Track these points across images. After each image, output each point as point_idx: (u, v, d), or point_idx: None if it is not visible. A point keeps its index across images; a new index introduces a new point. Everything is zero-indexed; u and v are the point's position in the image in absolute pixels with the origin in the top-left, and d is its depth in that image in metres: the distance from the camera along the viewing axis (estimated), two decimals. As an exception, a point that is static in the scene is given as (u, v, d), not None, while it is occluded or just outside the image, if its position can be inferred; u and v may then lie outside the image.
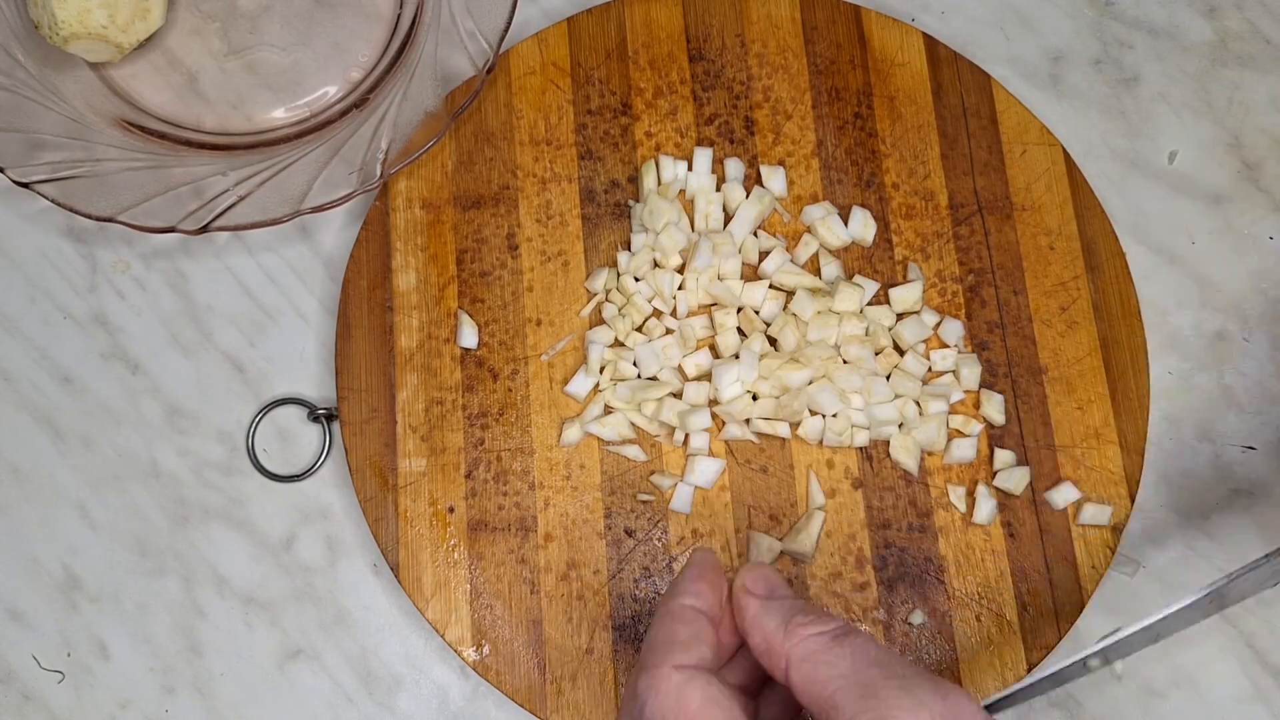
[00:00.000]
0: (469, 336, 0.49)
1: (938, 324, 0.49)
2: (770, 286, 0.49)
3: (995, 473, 0.48)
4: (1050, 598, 0.46)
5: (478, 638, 0.46)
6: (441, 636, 0.46)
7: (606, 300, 0.49)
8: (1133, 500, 0.48)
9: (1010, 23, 0.56)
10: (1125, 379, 0.49)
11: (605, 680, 0.45)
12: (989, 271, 0.50)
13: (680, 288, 0.49)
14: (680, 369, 0.48)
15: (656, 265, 0.49)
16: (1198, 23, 0.56)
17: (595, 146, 0.52)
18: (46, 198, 0.47)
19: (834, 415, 0.47)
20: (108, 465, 0.50)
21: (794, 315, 0.48)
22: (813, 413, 0.47)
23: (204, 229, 0.47)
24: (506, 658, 0.46)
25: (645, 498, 0.47)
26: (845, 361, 0.48)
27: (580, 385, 0.48)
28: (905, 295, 0.49)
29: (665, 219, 0.49)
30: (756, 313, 0.49)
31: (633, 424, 0.48)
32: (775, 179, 0.51)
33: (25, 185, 0.47)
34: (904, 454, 0.47)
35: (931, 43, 0.53)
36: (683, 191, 0.51)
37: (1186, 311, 0.52)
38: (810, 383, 0.47)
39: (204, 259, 0.52)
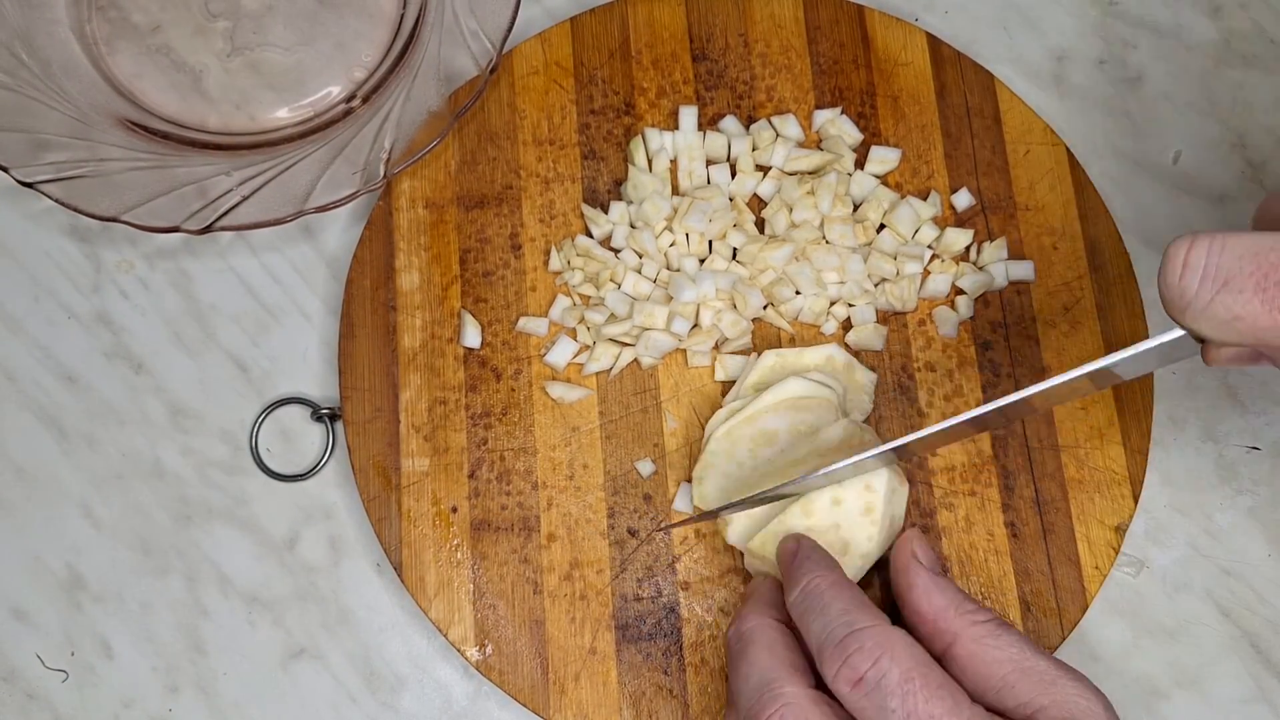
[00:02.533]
0: (472, 336, 0.49)
1: (934, 216, 0.51)
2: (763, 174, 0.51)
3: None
4: (1053, 598, 0.46)
5: (480, 637, 0.46)
6: (444, 636, 0.46)
7: (569, 269, 0.49)
8: (1136, 500, 0.47)
9: (1014, 22, 0.56)
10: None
11: (608, 680, 0.45)
12: (992, 271, 0.50)
13: (672, 244, 0.50)
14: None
15: (633, 227, 0.50)
16: (1202, 22, 0.56)
17: (598, 146, 0.52)
18: (50, 197, 0.47)
19: (814, 295, 0.49)
20: (111, 464, 0.50)
21: (785, 203, 0.50)
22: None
23: (207, 229, 0.47)
24: (509, 657, 0.46)
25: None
26: (827, 241, 0.49)
27: (560, 354, 0.48)
28: (887, 156, 0.51)
29: (649, 189, 0.50)
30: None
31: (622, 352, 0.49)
32: (789, 125, 0.52)
33: (29, 185, 0.47)
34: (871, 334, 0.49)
35: (935, 42, 0.53)
36: (674, 163, 0.51)
37: (1190, 311, 0.52)
38: (793, 262, 0.49)
39: (207, 259, 0.52)
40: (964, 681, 0.36)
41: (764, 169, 0.51)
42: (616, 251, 0.50)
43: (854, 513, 0.43)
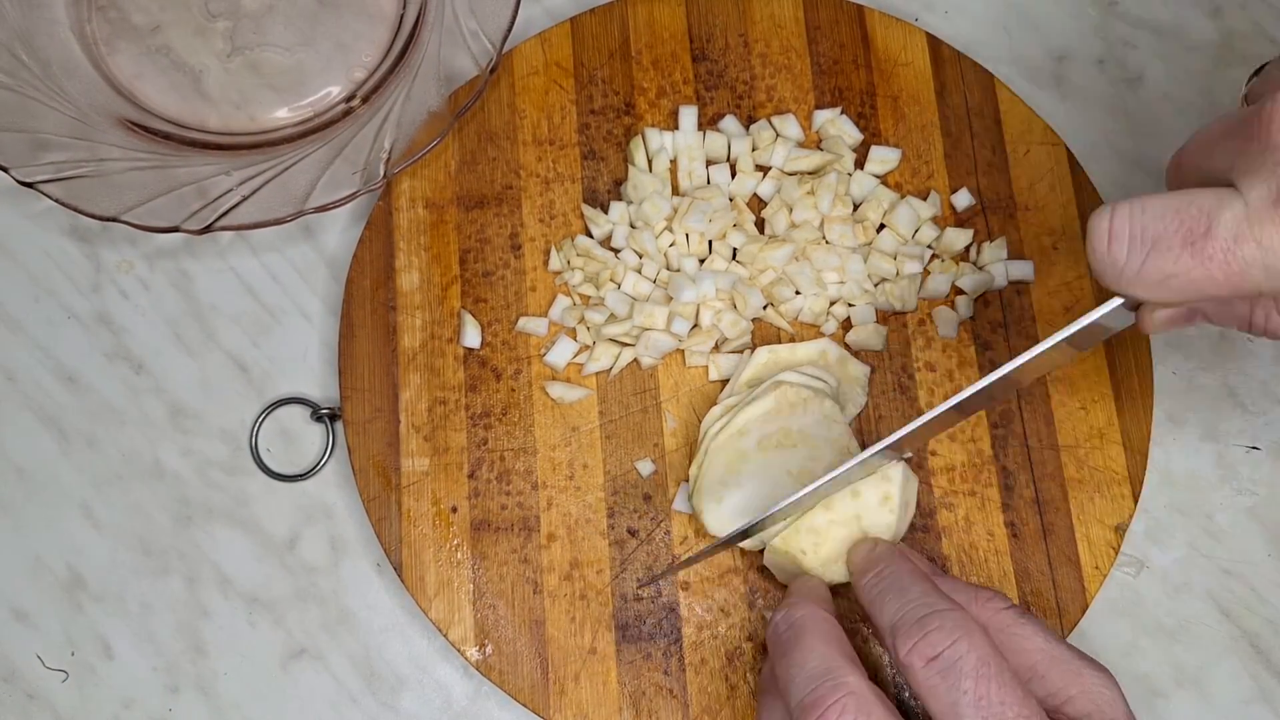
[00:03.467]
0: (472, 336, 0.49)
1: (934, 216, 0.51)
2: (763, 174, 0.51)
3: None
4: (1054, 598, 0.46)
5: (480, 637, 0.46)
6: (444, 636, 0.46)
7: (569, 269, 0.49)
8: (1136, 500, 0.47)
9: (1014, 22, 0.56)
10: (1129, 379, 0.49)
11: (608, 680, 0.45)
12: (992, 271, 0.50)
13: (672, 244, 0.50)
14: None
15: (633, 227, 0.50)
16: (1202, 22, 0.56)
17: (598, 146, 0.52)
18: (50, 198, 0.47)
19: (814, 295, 0.49)
20: (111, 465, 0.50)
21: (785, 204, 0.50)
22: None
23: (207, 229, 0.47)
24: (509, 657, 0.46)
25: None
26: (827, 241, 0.49)
27: (560, 354, 0.48)
28: (887, 156, 0.51)
29: (649, 189, 0.50)
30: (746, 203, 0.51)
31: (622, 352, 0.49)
32: (789, 126, 0.52)
33: (29, 185, 0.47)
34: (871, 335, 0.49)
35: (935, 42, 0.53)
36: (674, 162, 0.51)
37: (1190, 311, 0.52)
38: (793, 262, 0.49)
39: (207, 259, 0.52)
40: None
41: (764, 169, 0.51)
42: (616, 251, 0.50)
43: (873, 504, 0.43)
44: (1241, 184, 0.32)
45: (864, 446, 0.48)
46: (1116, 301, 0.36)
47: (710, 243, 0.50)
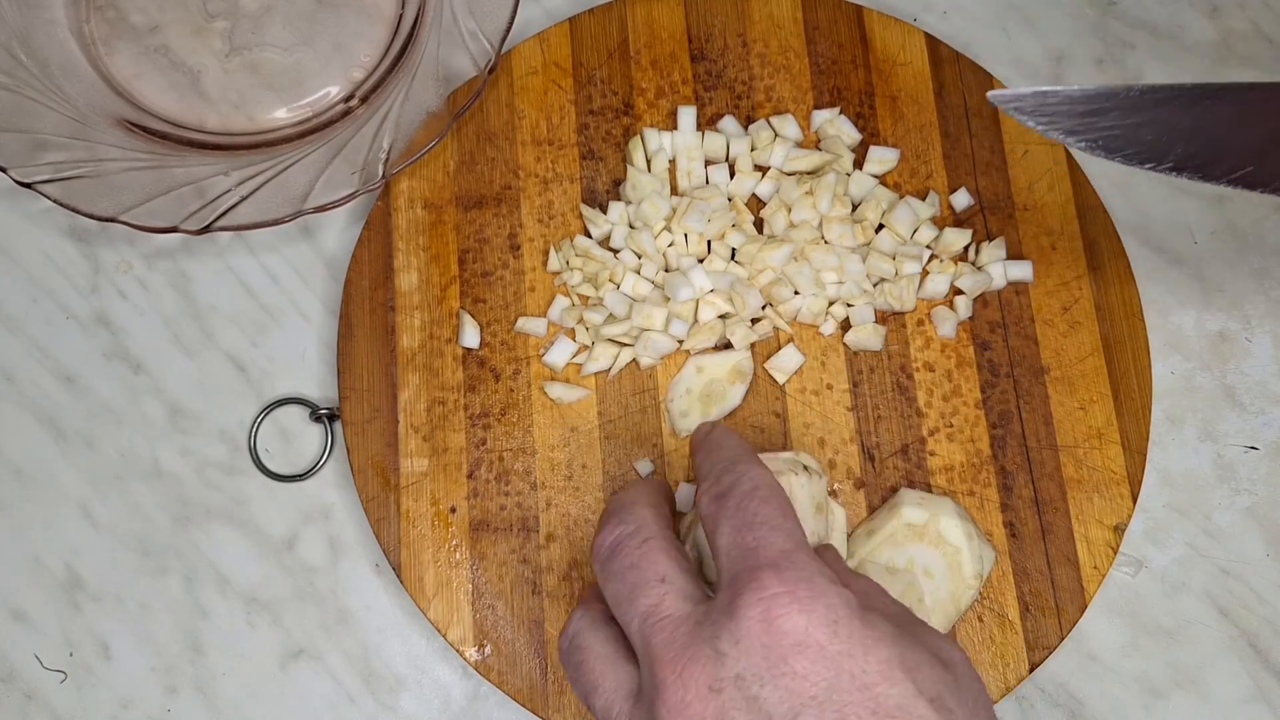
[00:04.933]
0: (471, 336, 0.49)
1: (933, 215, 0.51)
2: (762, 174, 0.51)
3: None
4: (1052, 598, 0.46)
5: (479, 638, 0.46)
6: (443, 636, 0.46)
7: (568, 269, 0.49)
8: (1135, 500, 0.48)
9: (1012, 22, 0.56)
10: (1127, 379, 0.49)
11: (607, 680, 0.45)
12: (991, 271, 0.50)
13: (670, 245, 0.50)
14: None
15: (632, 227, 0.50)
16: (1200, 23, 0.56)
17: (597, 146, 0.52)
18: (49, 198, 0.47)
19: (812, 295, 0.49)
20: (110, 465, 0.50)
21: (784, 204, 0.50)
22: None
23: (206, 229, 0.47)
24: (508, 658, 0.46)
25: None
26: (826, 241, 0.50)
27: (559, 354, 0.48)
28: (885, 156, 0.51)
29: (648, 189, 0.50)
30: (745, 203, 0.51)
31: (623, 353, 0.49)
32: (787, 126, 0.52)
33: (28, 185, 0.47)
34: (870, 334, 0.49)
35: (933, 42, 0.53)
36: (673, 163, 0.51)
37: (1188, 311, 0.52)
38: (791, 262, 0.49)
39: (206, 259, 0.52)
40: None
41: (763, 169, 0.51)
42: (615, 252, 0.50)
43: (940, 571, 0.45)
44: None
45: (865, 449, 0.48)
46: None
47: (709, 243, 0.50)
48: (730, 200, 0.50)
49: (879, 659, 0.31)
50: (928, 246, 0.50)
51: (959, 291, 0.50)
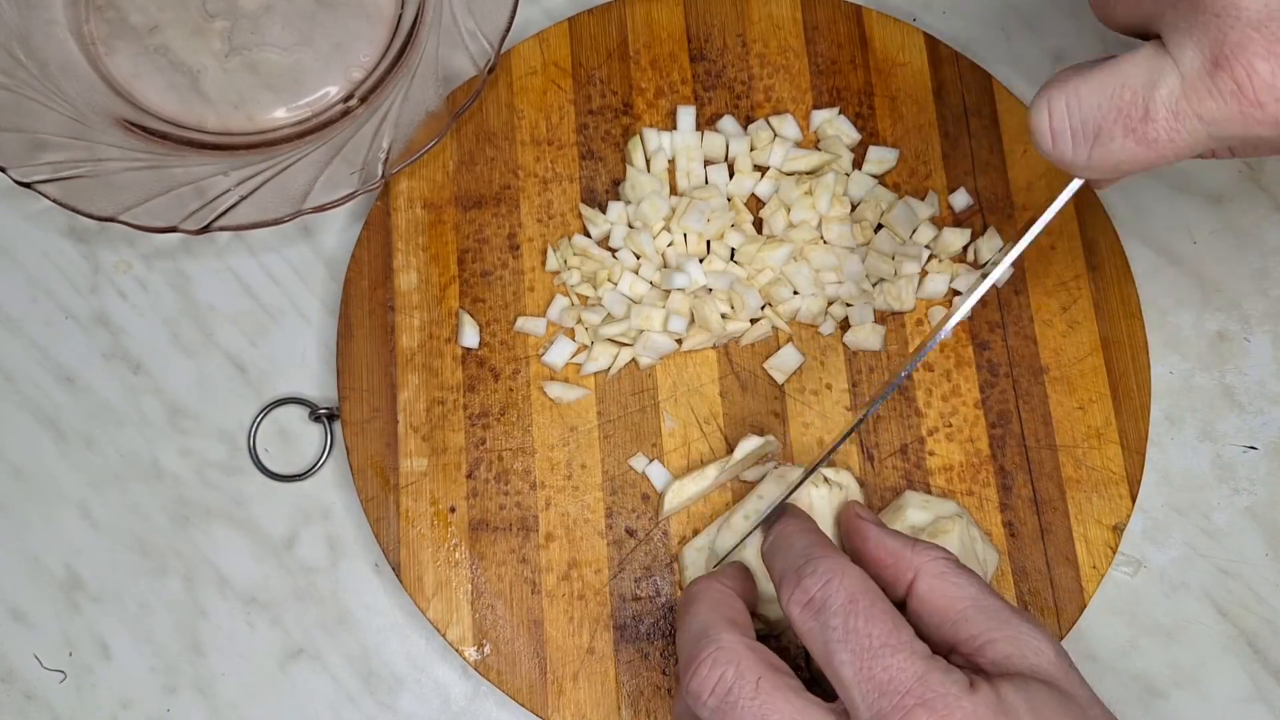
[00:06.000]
0: (470, 336, 0.49)
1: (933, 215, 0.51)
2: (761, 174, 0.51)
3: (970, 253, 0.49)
4: (1051, 597, 0.46)
5: (479, 637, 0.46)
6: (443, 636, 0.46)
7: (566, 269, 0.49)
8: (1134, 500, 0.48)
9: (1011, 22, 0.56)
10: (1126, 378, 0.49)
11: (607, 679, 0.45)
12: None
13: (670, 245, 0.50)
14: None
15: (631, 227, 0.50)
16: (1199, 22, 0.56)
17: (596, 146, 0.52)
18: (48, 198, 0.47)
19: (811, 295, 0.49)
20: (109, 465, 0.50)
21: (783, 204, 0.50)
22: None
23: (205, 229, 0.47)
24: (508, 657, 0.46)
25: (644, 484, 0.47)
26: (825, 241, 0.50)
27: (558, 354, 0.48)
28: (885, 156, 0.51)
29: (648, 189, 0.50)
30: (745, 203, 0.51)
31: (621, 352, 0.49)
32: (787, 126, 0.52)
33: (27, 185, 0.47)
34: (869, 334, 0.49)
35: (933, 42, 0.53)
36: (672, 163, 0.51)
37: (1187, 311, 0.52)
38: (790, 262, 0.49)
39: (205, 259, 0.52)
40: (923, 616, 0.37)
41: (762, 169, 0.51)
42: (614, 252, 0.50)
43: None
44: (1171, 44, 0.31)
45: (864, 449, 0.48)
46: (1078, 183, 0.36)
47: (708, 243, 0.50)
48: (729, 200, 0.50)
49: None
50: (926, 246, 0.50)
51: (957, 292, 0.50)
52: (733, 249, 0.50)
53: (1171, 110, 0.31)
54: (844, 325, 0.49)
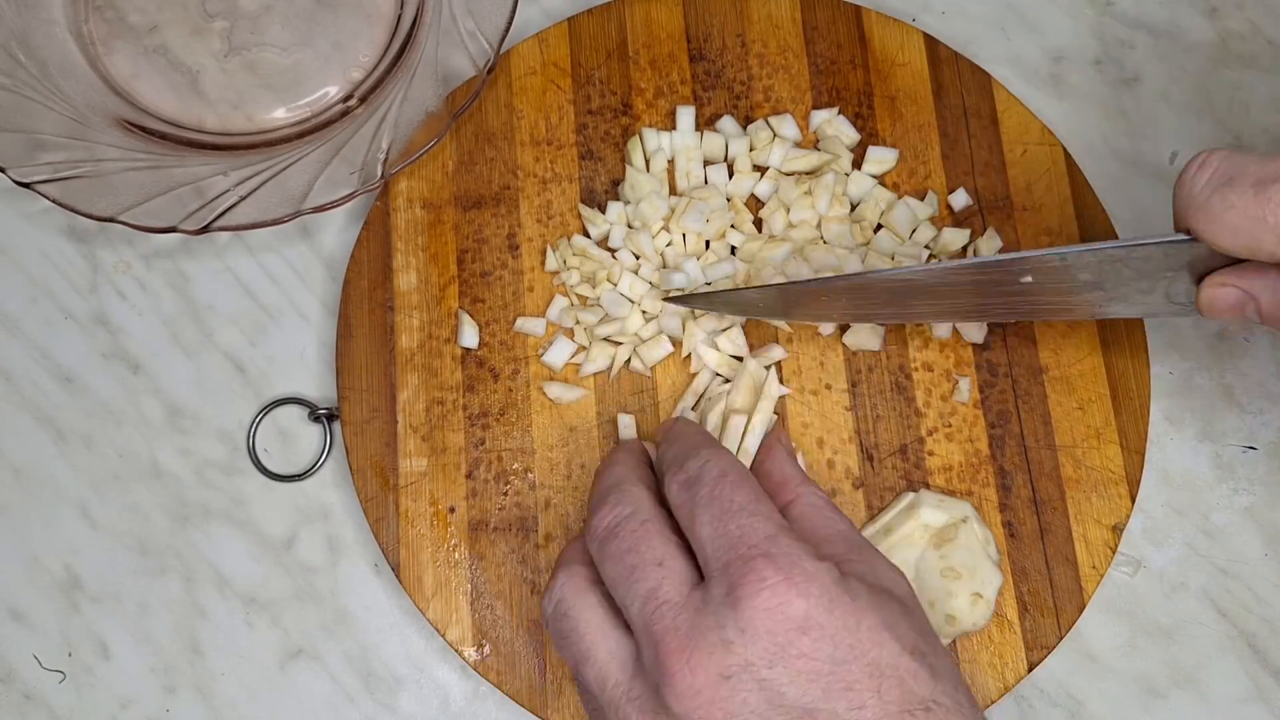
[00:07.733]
0: (470, 336, 0.49)
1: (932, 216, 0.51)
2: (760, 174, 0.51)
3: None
4: (1051, 597, 0.46)
5: (478, 638, 0.46)
6: (442, 636, 0.46)
7: (566, 269, 0.49)
8: (1133, 500, 0.48)
9: (1011, 23, 0.56)
10: (1126, 379, 0.49)
11: (606, 680, 0.45)
12: (990, 271, 0.50)
13: (669, 245, 0.50)
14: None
15: (630, 227, 0.50)
16: (1199, 23, 0.56)
17: (596, 146, 0.52)
18: (48, 198, 0.47)
19: None
20: (109, 465, 0.50)
21: (783, 204, 0.50)
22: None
23: (205, 229, 0.47)
24: (507, 658, 0.46)
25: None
26: (825, 241, 0.50)
27: (558, 354, 0.49)
28: (884, 156, 0.51)
29: (647, 189, 0.50)
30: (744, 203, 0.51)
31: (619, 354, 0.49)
32: (786, 126, 0.52)
33: (26, 185, 0.47)
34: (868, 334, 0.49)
35: (932, 43, 0.53)
36: (672, 163, 0.51)
37: (1187, 311, 0.52)
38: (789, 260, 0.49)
39: (205, 259, 0.52)
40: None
41: (761, 169, 0.51)
42: (613, 252, 0.50)
43: (964, 604, 0.45)
44: None
45: (864, 448, 0.48)
46: (1179, 236, 0.39)
47: (708, 243, 0.50)
48: (729, 200, 0.50)
49: (868, 626, 0.34)
50: (926, 246, 0.50)
51: None
52: (732, 248, 0.50)
53: None
54: (843, 325, 0.49)
